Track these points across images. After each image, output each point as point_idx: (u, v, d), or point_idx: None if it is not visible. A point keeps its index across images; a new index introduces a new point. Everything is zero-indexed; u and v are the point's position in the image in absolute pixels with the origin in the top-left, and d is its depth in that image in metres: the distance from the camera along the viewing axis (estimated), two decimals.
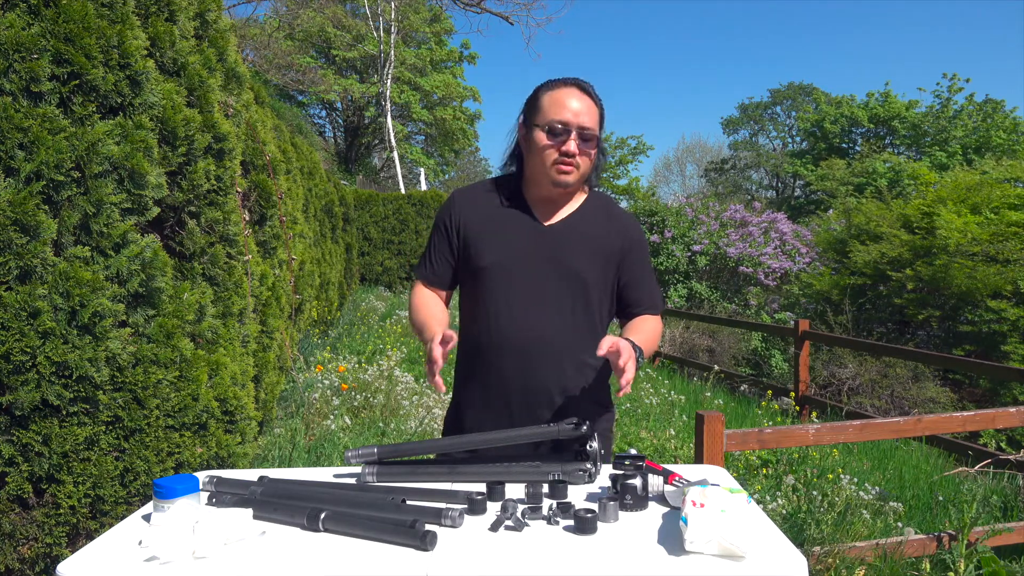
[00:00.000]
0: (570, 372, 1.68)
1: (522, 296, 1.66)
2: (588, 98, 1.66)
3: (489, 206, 1.73)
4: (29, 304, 1.90)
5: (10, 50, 1.87)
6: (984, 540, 3.10)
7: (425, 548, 1.13)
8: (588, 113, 1.65)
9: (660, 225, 13.69)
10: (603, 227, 1.73)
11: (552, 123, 1.63)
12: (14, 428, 1.96)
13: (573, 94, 1.65)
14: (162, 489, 1.24)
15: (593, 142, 1.66)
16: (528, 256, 1.67)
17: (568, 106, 1.63)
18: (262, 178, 3.90)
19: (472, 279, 1.72)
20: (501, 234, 1.69)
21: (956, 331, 8.51)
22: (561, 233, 1.70)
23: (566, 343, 1.67)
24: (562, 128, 1.62)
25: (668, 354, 10.21)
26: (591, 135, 1.65)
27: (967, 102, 30.34)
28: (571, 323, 1.67)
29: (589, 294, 1.69)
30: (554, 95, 1.65)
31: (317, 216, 7.72)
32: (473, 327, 1.72)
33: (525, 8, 18.64)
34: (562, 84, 1.67)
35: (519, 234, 1.69)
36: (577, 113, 1.63)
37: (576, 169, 1.65)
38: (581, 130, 1.63)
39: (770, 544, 1.16)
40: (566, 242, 1.69)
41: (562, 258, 1.68)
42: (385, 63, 19.77)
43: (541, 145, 1.65)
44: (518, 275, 1.66)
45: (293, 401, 5.09)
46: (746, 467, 4.28)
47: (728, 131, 46.02)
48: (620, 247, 1.74)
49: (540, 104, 1.67)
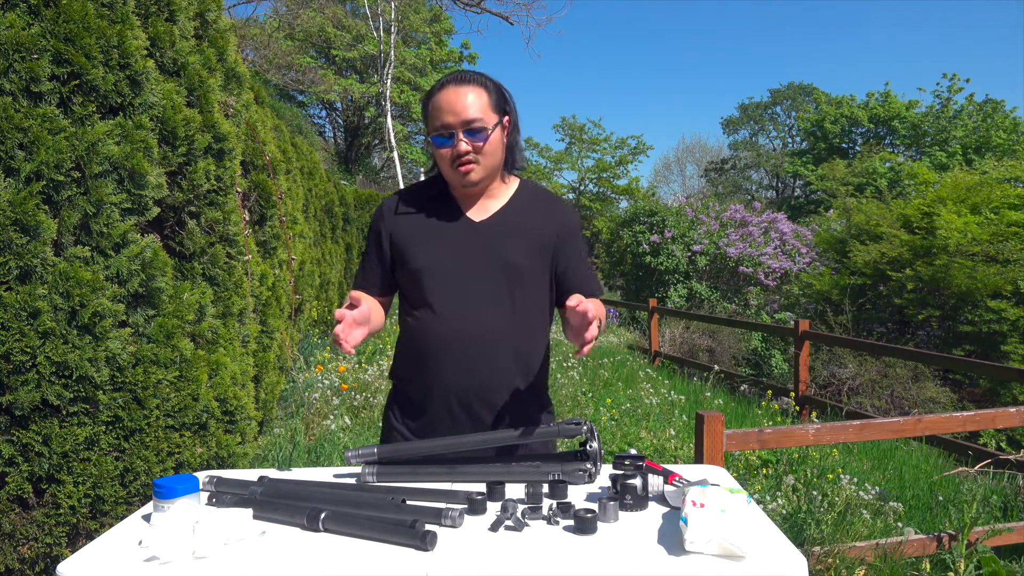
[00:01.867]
0: (511, 368, 1.65)
1: (458, 295, 1.63)
2: (469, 87, 1.60)
3: (419, 209, 1.70)
4: (29, 304, 1.90)
5: (10, 50, 1.87)
6: (984, 540, 3.10)
7: (425, 548, 1.13)
8: (473, 104, 1.58)
9: (660, 225, 13.69)
10: (536, 217, 1.71)
11: (436, 130, 1.60)
12: (14, 428, 1.96)
13: (450, 92, 1.60)
14: (162, 489, 1.24)
15: (484, 132, 1.59)
16: (462, 254, 1.65)
17: (447, 107, 1.58)
18: (262, 178, 3.90)
19: (408, 283, 1.69)
20: (433, 235, 1.67)
21: (956, 331, 8.51)
22: (494, 228, 1.67)
23: (505, 339, 1.64)
24: (446, 132, 1.60)
25: (668, 354, 10.21)
26: (479, 126, 1.59)
27: (967, 102, 30.34)
28: (511, 318, 1.64)
29: (527, 287, 1.67)
30: (434, 101, 1.61)
31: (317, 216, 7.72)
32: (411, 330, 1.69)
33: (525, 8, 18.61)
34: (439, 87, 1.63)
35: (451, 233, 1.67)
36: (458, 111, 1.58)
37: (477, 164, 1.61)
38: (466, 124, 1.59)
39: (770, 544, 1.16)
40: (500, 237, 1.66)
41: (497, 253, 1.65)
42: (385, 63, 19.77)
43: (437, 153, 1.63)
44: (454, 274, 1.63)
45: (293, 401, 5.09)
46: (746, 467, 4.28)
47: (728, 131, 46.07)
48: (555, 235, 1.70)
49: (427, 113, 1.64)
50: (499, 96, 1.65)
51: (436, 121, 1.61)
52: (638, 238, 13.77)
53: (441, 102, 1.60)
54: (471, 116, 1.58)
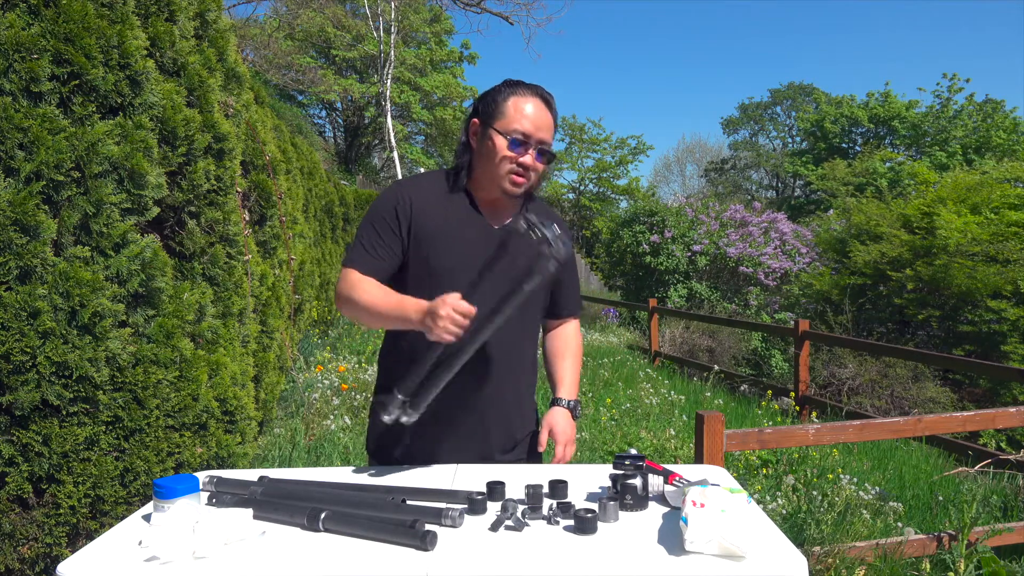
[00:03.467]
0: (509, 371, 1.69)
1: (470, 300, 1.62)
2: (549, 111, 1.64)
3: (439, 203, 1.68)
4: (29, 304, 1.90)
5: (10, 50, 1.87)
6: (984, 540, 3.10)
7: (425, 548, 1.13)
8: (548, 128, 1.63)
9: (660, 225, 13.68)
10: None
11: (514, 133, 1.60)
12: (14, 428, 1.96)
13: (538, 105, 1.62)
14: (162, 489, 1.24)
15: (547, 156, 1.64)
16: (479, 259, 1.63)
17: (532, 118, 1.60)
18: (262, 178, 3.90)
19: (421, 279, 1.65)
20: (455, 236, 1.66)
21: (956, 331, 8.51)
22: (510, 235, 1.66)
23: (507, 346, 1.66)
24: (524, 140, 1.60)
25: (668, 354, 10.21)
26: (548, 150, 1.63)
27: (967, 102, 30.33)
28: (515, 326, 1.64)
29: (532, 297, 1.66)
30: (518, 102, 1.62)
31: (317, 216, 7.72)
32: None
33: (525, 8, 18.63)
34: (527, 91, 1.63)
35: (471, 237, 1.66)
36: (539, 126, 1.61)
37: (528, 181, 1.64)
38: (540, 144, 1.62)
39: (770, 544, 1.16)
40: (516, 243, 1.65)
41: (514, 259, 1.63)
42: (385, 63, 19.77)
43: (500, 153, 1.62)
44: (467, 278, 1.61)
45: (293, 401, 5.09)
46: (746, 467, 4.28)
47: (728, 131, 46.07)
48: None
49: (503, 109, 1.63)
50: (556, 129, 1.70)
51: (517, 124, 1.61)
52: (638, 238, 13.77)
53: (528, 110, 1.62)
54: (547, 138, 1.63)
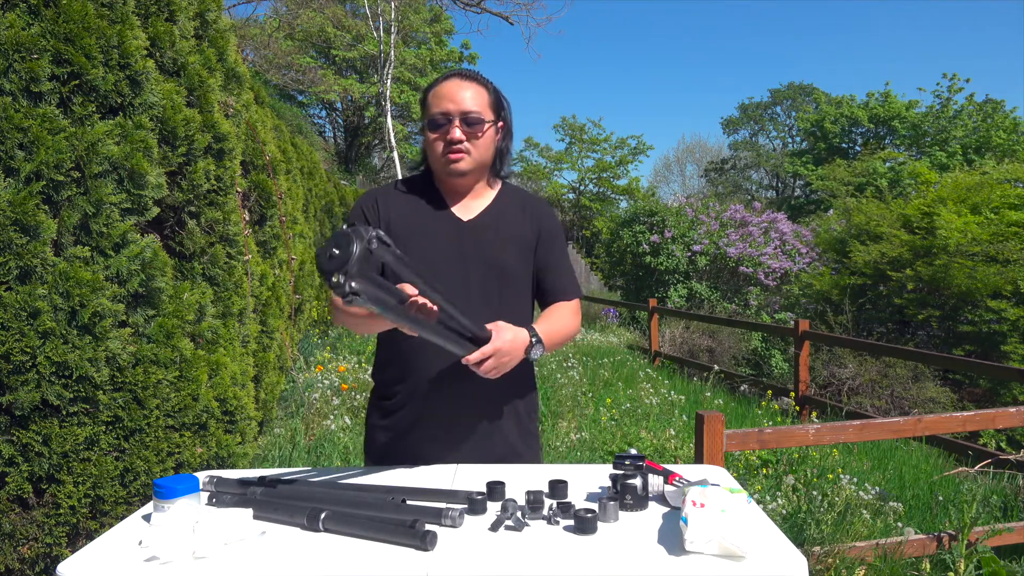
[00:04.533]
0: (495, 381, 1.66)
1: (449, 293, 1.63)
2: (471, 83, 1.66)
3: (407, 205, 1.72)
4: (29, 304, 1.90)
5: (10, 50, 1.87)
6: (984, 540, 3.10)
7: (425, 548, 1.13)
8: (473, 98, 1.64)
9: (660, 225, 13.69)
10: (518, 218, 1.74)
11: (434, 116, 1.64)
12: (14, 428, 1.96)
13: (453, 84, 1.65)
14: (162, 489, 1.24)
15: (481, 125, 1.64)
16: (452, 253, 1.67)
17: (447, 96, 1.63)
18: (262, 178, 3.90)
19: None
20: (423, 232, 1.68)
21: (956, 331, 8.51)
22: (481, 228, 1.70)
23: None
24: (443, 118, 1.63)
25: (668, 354, 10.22)
26: (476, 118, 1.64)
27: (967, 102, 30.31)
28: (498, 317, 1.63)
29: (513, 286, 1.70)
30: (436, 91, 1.66)
31: (317, 216, 7.72)
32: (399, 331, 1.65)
33: (525, 8, 18.61)
34: (442, 79, 1.68)
35: (440, 231, 1.69)
36: (458, 100, 1.62)
37: (467, 155, 1.65)
38: (464, 115, 1.63)
39: (770, 544, 1.16)
40: (487, 236, 1.69)
41: (485, 253, 1.67)
42: (385, 63, 19.76)
43: (430, 140, 1.66)
44: (444, 273, 1.64)
45: (293, 401, 5.09)
46: (746, 467, 4.28)
47: (728, 131, 46.05)
48: (535, 235, 1.74)
49: (426, 103, 1.68)
50: (497, 99, 1.70)
51: (435, 108, 1.65)
52: (638, 238, 13.77)
53: (442, 91, 1.65)
54: (470, 108, 1.63)
